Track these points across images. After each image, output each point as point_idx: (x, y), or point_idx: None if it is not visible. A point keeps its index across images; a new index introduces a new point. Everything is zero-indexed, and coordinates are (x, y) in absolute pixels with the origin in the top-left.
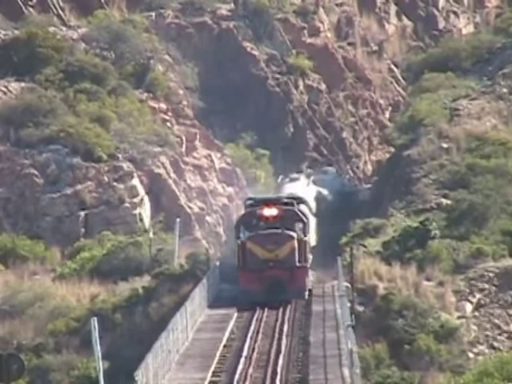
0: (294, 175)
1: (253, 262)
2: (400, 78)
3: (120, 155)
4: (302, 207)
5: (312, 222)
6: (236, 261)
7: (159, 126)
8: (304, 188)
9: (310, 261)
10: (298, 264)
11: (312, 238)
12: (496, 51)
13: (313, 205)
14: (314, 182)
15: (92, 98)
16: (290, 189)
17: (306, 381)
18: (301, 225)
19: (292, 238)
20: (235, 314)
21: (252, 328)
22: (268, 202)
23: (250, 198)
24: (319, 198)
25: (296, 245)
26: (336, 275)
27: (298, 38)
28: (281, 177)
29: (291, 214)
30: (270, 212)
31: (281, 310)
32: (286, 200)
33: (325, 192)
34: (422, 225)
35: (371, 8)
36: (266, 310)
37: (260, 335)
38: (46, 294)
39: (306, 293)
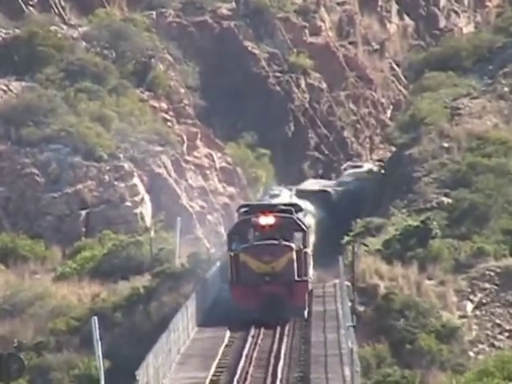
0: (275, 191)
1: (247, 276)
2: (401, 76)
3: (121, 154)
4: (302, 215)
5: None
6: (228, 275)
7: (160, 125)
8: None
9: (310, 274)
10: (297, 278)
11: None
12: (497, 50)
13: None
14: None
15: (93, 97)
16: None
17: (308, 379)
18: (300, 234)
19: (290, 249)
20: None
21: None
22: (264, 210)
23: (243, 205)
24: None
25: (295, 257)
26: (337, 274)
27: (299, 37)
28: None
29: (290, 222)
30: (267, 220)
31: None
32: (283, 207)
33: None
34: (423, 224)
35: (372, 7)
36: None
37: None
38: (47, 294)
39: (306, 311)
